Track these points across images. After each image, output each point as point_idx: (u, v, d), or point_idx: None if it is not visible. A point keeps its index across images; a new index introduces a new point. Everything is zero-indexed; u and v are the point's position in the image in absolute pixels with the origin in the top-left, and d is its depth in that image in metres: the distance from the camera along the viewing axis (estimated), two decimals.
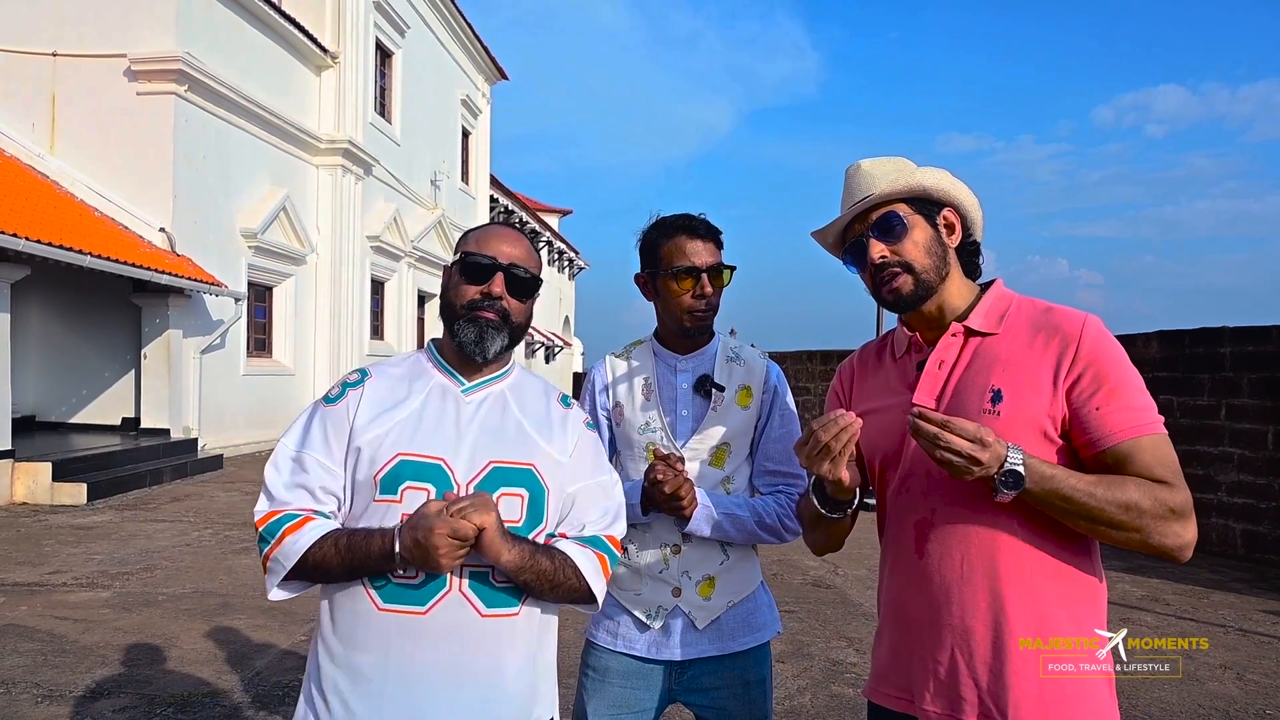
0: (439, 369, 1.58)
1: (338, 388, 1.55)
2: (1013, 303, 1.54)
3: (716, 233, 1.95)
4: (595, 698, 1.95)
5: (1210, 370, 8.17)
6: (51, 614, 5.14)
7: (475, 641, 1.45)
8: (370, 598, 1.45)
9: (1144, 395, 1.40)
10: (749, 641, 1.94)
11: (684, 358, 1.99)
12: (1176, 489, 1.36)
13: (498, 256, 1.54)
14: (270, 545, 1.44)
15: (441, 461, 1.46)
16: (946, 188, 1.55)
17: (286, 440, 1.52)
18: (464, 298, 1.54)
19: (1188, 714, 4.06)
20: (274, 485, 1.49)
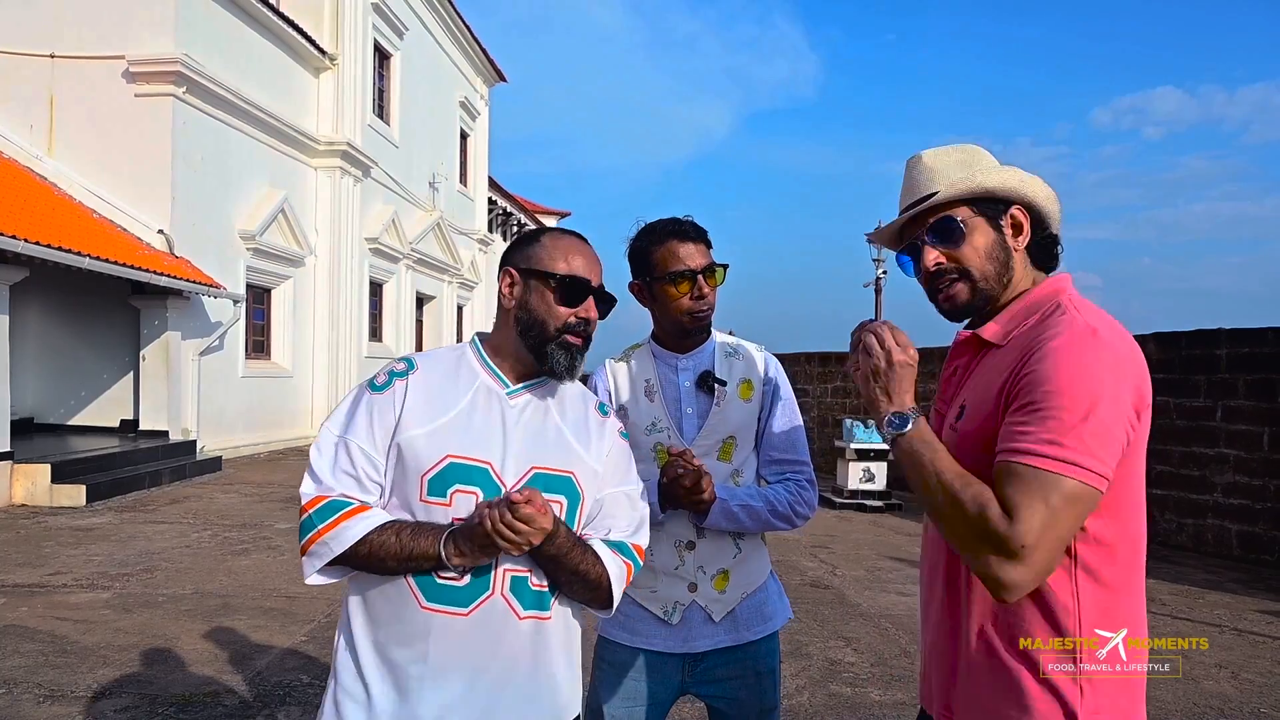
0: (484, 368, 1.57)
1: (384, 375, 1.53)
2: (1040, 309, 1.38)
3: (705, 233, 1.99)
4: (610, 690, 1.99)
5: (1207, 372, 8.21)
6: (52, 615, 5.15)
7: (513, 643, 1.48)
8: (414, 594, 1.45)
9: (1060, 425, 1.20)
10: (762, 630, 2.00)
11: (683, 356, 2.03)
12: (1013, 524, 1.19)
13: (590, 278, 1.56)
14: (319, 529, 1.43)
15: (488, 465, 1.47)
16: (1014, 186, 1.41)
17: (331, 425, 1.51)
18: (559, 319, 1.53)
19: (1183, 713, 4.09)
20: (320, 469, 1.47)
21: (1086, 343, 1.24)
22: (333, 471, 1.47)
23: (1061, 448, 1.19)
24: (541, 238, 1.59)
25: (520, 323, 1.54)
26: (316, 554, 1.44)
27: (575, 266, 1.55)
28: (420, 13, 21.03)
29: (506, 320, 1.57)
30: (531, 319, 1.53)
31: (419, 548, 1.41)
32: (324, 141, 16.26)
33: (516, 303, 1.55)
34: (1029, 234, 1.43)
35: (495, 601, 1.45)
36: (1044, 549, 1.20)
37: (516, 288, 1.56)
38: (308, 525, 1.44)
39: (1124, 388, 1.24)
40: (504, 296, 1.57)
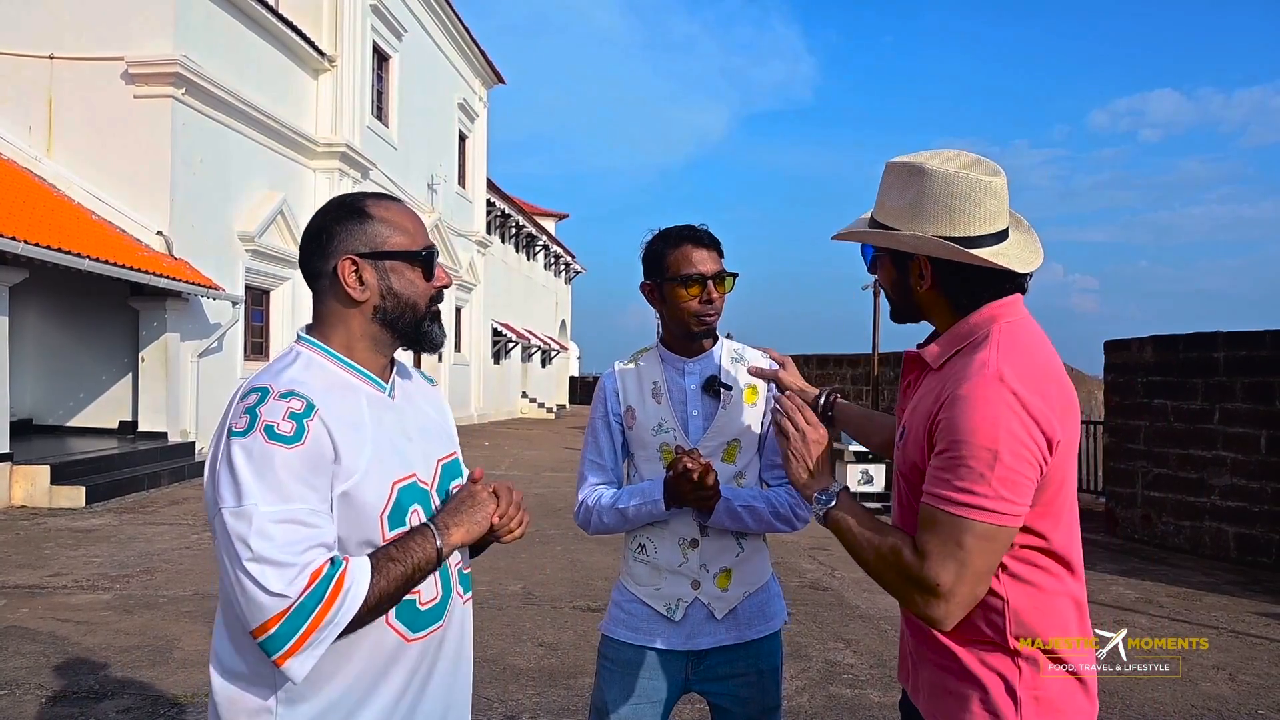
0: (354, 375, 1.40)
1: (285, 423, 1.24)
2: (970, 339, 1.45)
3: (718, 242, 2.03)
4: (614, 688, 2.01)
5: (1204, 375, 8.24)
6: (53, 616, 5.16)
7: (464, 628, 1.53)
8: (399, 633, 1.37)
9: (970, 473, 1.30)
10: (764, 630, 2.03)
11: (690, 361, 2.07)
12: (928, 566, 1.32)
13: (434, 242, 1.54)
14: (316, 612, 1.21)
15: (414, 477, 1.40)
16: (921, 246, 1.46)
17: (255, 502, 1.21)
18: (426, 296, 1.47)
19: (1181, 714, 4.11)
20: (283, 556, 1.20)
21: (991, 390, 1.32)
22: (298, 549, 1.22)
23: (972, 495, 1.30)
24: (369, 212, 1.41)
25: (384, 312, 1.40)
26: (318, 641, 1.22)
27: (422, 236, 1.45)
28: (419, 14, 21.06)
29: (359, 314, 1.40)
30: (400, 305, 1.41)
31: (422, 557, 1.33)
32: (323, 143, 16.28)
33: (376, 291, 1.39)
34: (932, 281, 1.50)
35: (454, 599, 1.47)
36: (963, 585, 1.33)
37: (367, 275, 1.38)
38: (298, 617, 1.19)
39: (1029, 430, 1.32)
40: (353, 289, 1.38)
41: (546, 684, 4.25)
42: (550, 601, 5.83)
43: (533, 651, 4.73)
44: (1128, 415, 9.05)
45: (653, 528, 2.00)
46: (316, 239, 1.40)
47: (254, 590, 1.19)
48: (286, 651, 1.20)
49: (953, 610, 1.33)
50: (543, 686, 4.22)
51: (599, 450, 2.13)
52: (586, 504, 2.10)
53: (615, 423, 2.11)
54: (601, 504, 2.06)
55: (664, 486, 1.93)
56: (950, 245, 1.43)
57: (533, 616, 5.43)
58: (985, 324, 1.44)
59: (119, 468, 10.34)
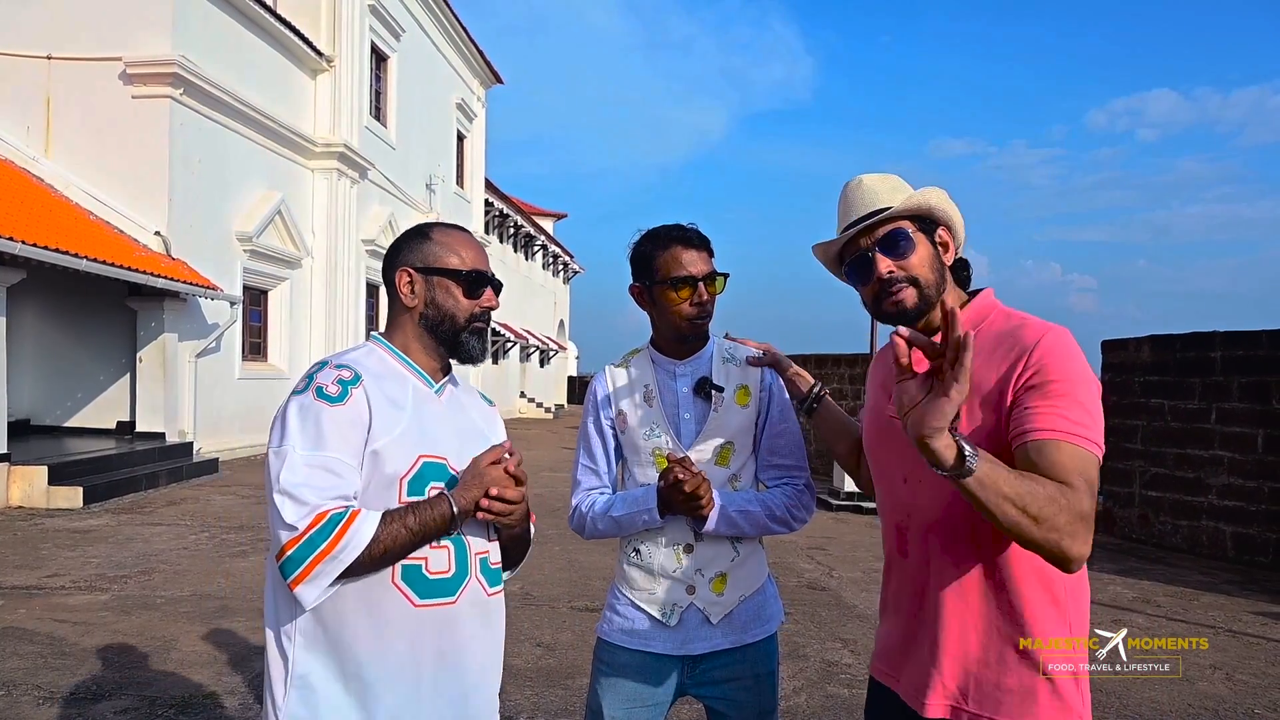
0: (407, 369, 1.63)
1: (334, 385, 1.49)
2: (989, 315, 1.55)
3: (708, 241, 2.01)
4: (609, 692, 2.00)
5: (1201, 374, 8.25)
6: (50, 617, 5.15)
7: (487, 619, 1.63)
8: (405, 596, 1.50)
9: (1084, 413, 1.34)
10: (760, 633, 2.01)
11: (681, 362, 2.04)
12: (1080, 494, 1.29)
13: (486, 269, 1.69)
14: (322, 547, 1.39)
15: (445, 461, 1.57)
16: (946, 208, 1.58)
17: (294, 445, 1.44)
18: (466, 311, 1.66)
19: (1178, 714, 4.12)
20: (303, 494, 1.41)
21: (1070, 340, 1.42)
22: (318, 491, 1.42)
23: (1087, 428, 1.34)
24: (432, 235, 1.66)
25: (427, 319, 1.63)
26: (324, 573, 1.40)
27: (473, 260, 1.66)
28: (417, 15, 21.05)
29: (410, 319, 1.65)
30: (441, 314, 1.63)
31: (431, 519, 1.48)
32: (321, 143, 16.27)
33: (422, 301, 1.63)
34: (954, 251, 1.60)
35: (473, 584, 1.58)
36: (1093, 517, 1.33)
37: (418, 286, 1.63)
38: (307, 548, 1.39)
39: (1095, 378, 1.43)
40: (405, 296, 1.63)
41: (544, 684, 4.25)
42: (548, 601, 5.83)
43: (531, 652, 4.73)
44: (1125, 415, 9.06)
45: (647, 532, 1.98)
46: (391, 254, 1.68)
47: (275, 518, 1.41)
48: (297, 577, 1.39)
49: (1089, 545, 1.33)
50: (541, 687, 4.22)
51: (592, 455, 2.11)
52: (580, 510, 2.09)
53: (608, 426, 2.09)
54: (595, 511, 2.05)
55: (657, 495, 1.91)
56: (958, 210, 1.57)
57: (530, 616, 5.43)
58: (994, 304, 1.57)
59: (117, 468, 10.33)
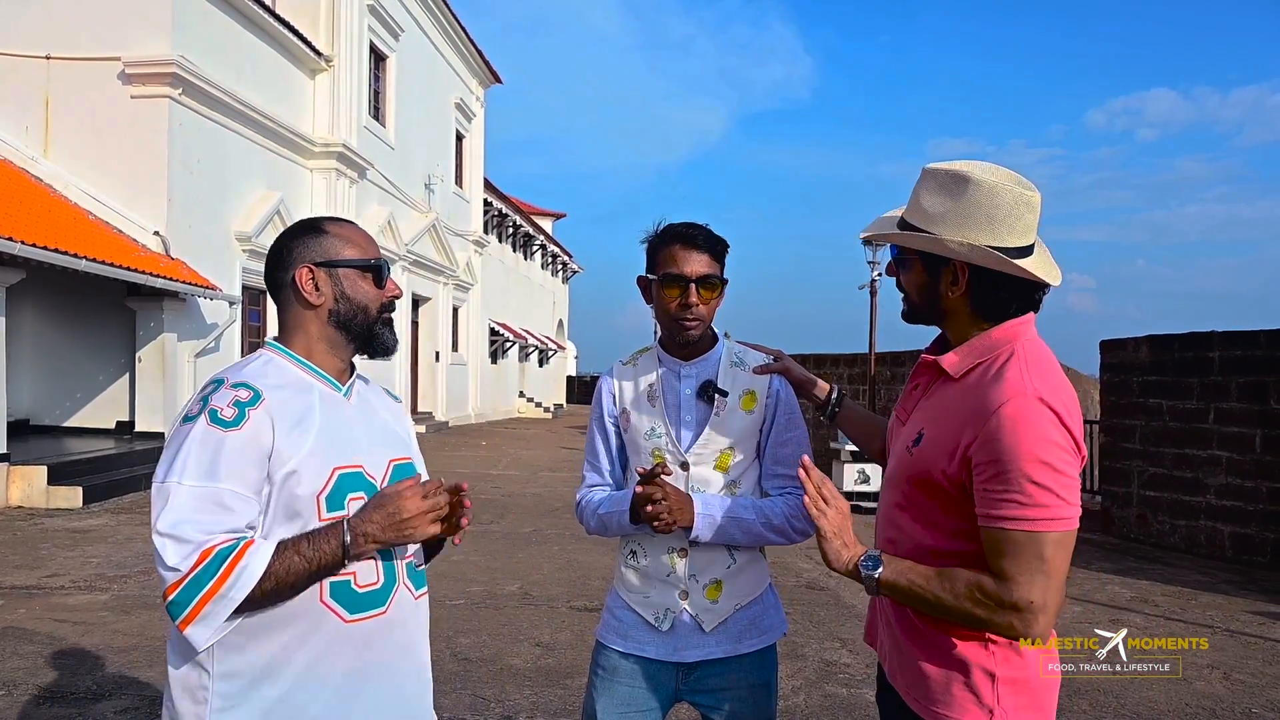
0: (310, 374, 1.54)
1: (229, 408, 1.39)
2: (994, 354, 1.49)
3: (717, 245, 1.95)
4: (604, 696, 1.99)
5: (1199, 374, 8.26)
6: (50, 617, 5.16)
7: (417, 623, 1.60)
8: (335, 614, 1.44)
9: (1034, 487, 1.35)
10: (756, 644, 1.97)
11: (688, 364, 2.02)
12: (1013, 588, 1.36)
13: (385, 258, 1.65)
14: (209, 586, 1.31)
15: (361, 468, 1.51)
16: (964, 254, 1.48)
17: (181, 478, 1.35)
18: (377, 302, 1.62)
19: (1175, 713, 4.13)
20: (186, 530, 1.32)
21: (1034, 410, 1.38)
22: (203, 528, 1.33)
23: (1042, 508, 1.35)
24: (326, 228, 1.59)
25: (339, 315, 1.56)
26: (213, 613, 1.32)
27: (372, 249, 1.62)
28: (416, 14, 21.06)
29: (316, 318, 1.55)
30: (353, 307, 1.57)
31: (325, 554, 1.39)
32: (320, 143, 16.27)
33: (330, 296, 1.55)
34: (965, 289, 1.52)
35: (401, 590, 1.55)
36: (1053, 595, 1.37)
37: (323, 282, 1.55)
38: (192, 588, 1.30)
39: (1068, 441, 1.39)
40: (310, 294, 1.54)
41: (544, 684, 4.26)
42: (547, 601, 5.84)
43: (530, 651, 4.74)
44: (1123, 415, 9.07)
45: (644, 534, 1.96)
46: (278, 255, 1.57)
47: (157, 561, 1.34)
48: (185, 619, 1.32)
49: (1049, 623, 1.38)
50: (540, 686, 4.23)
51: (595, 452, 2.13)
52: (580, 504, 2.12)
53: (612, 425, 2.10)
54: (589, 507, 2.07)
55: (631, 500, 1.90)
56: (998, 254, 1.46)
57: (530, 616, 5.44)
58: (1008, 341, 1.49)
59: (116, 468, 10.34)
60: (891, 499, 1.61)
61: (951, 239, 1.48)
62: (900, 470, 1.57)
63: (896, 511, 1.58)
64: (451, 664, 4.49)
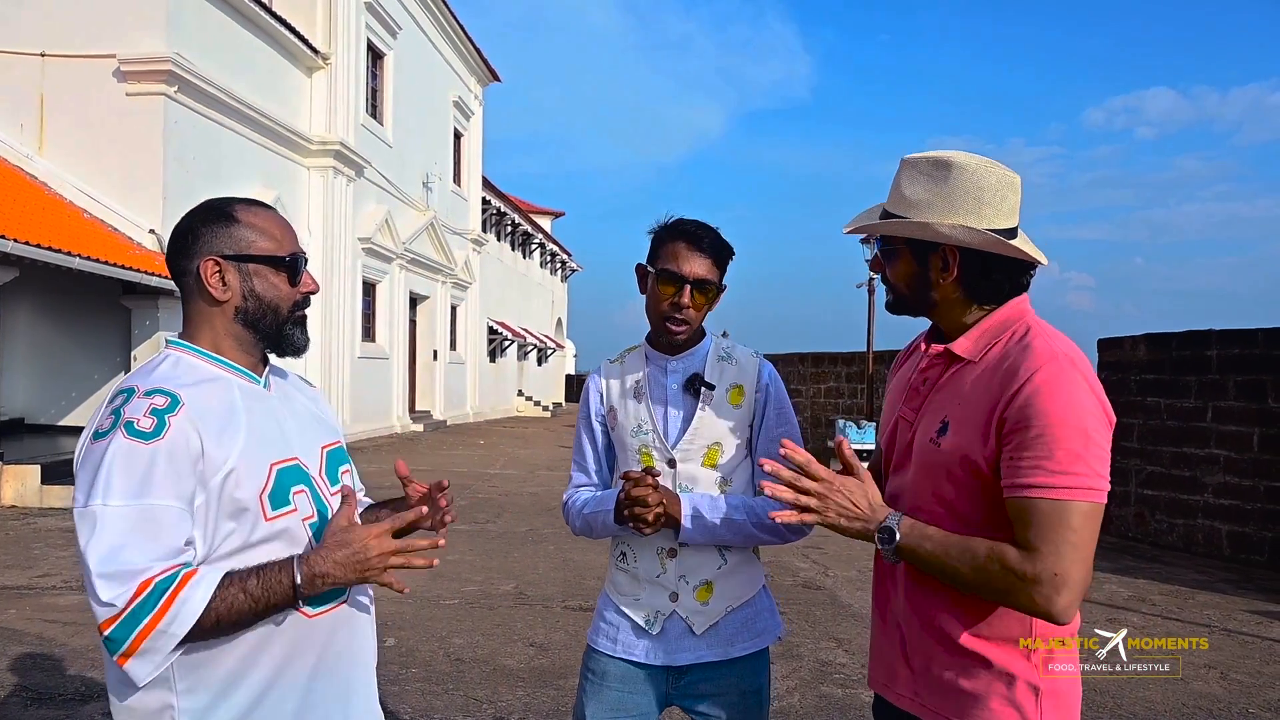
0: (225, 369, 1.43)
1: (147, 419, 1.27)
2: (1008, 330, 1.48)
3: (722, 251, 1.92)
4: (594, 700, 1.95)
5: (1197, 373, 8.24)
6: (41, 617, 5.13)
7: (368, 606, 1.56)
8: (300, 611, 1.38)
9: (1069, 455, 1.31)
10: (749, 647, 1.93)
11: (674, 358, 1.99)
12: (1037, 560, 1.31)
13: (302, 249, 1.55)
14: (146, 621, 1.21)
15: (297, 460, 1.44)
16: (959, 237, 1.46)
17: (105, 499, 1.23)
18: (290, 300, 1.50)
19: (1172, 713, 4.10)
20: (121, 558, 1.21)
21: (1067, 374, 1.36)
22: (140, 552, 1.22)
23: (1073, 476, 1.31)
24: (238, 216, 1.44)
25: (246, 313, 1.44)
26: (152, 649, 1.22)
27: (290, 242, 1.49)
28: (414, 12, 21.01)
29: (221, 315, 1.43)
30: (262, 306, 1.44)
31: (275, 594, 1.30)
32: (317, 141, 16.24)
33: (237, 293, 1.43)
34: (956, 273, 1.50)
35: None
36: (1079, 569, 1.31)
37: (230, 276, 1.42)
38: (129, 624, 1.20)
39: (1102, 410, 1.37)
40: (215, 289, 1.41)
41: (537, 684, 4.23)
42: (542, 601, 5.81)
43: (524, 651, 4.71)
44: (1121, 413, 9.02)
45: (633, 535, 1.91)
46: (183, 238, 1.43)
47: (89, 593, 1.23)
48: (123, 654, 1.22)
49: (1074, 599, 1.32)
50: (533, 687, 4.20)
51: (583, 452, 2.10)
52: (566, 504, 2.09)
53: (599, 423, 2.07)
54: (575, 507, 2.04)
55: (615, 500, 1.87)
56: (994, 236, 1.45)
57: (524, 616, 5.41)
58: (1018, 319, 1.48)
59: None
60: (914, 502, 1.52)
61: (942, 224, 1.46)
62: (925, 465, 1.50)
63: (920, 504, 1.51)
64: (444, 664, 4.47)
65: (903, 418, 1.60)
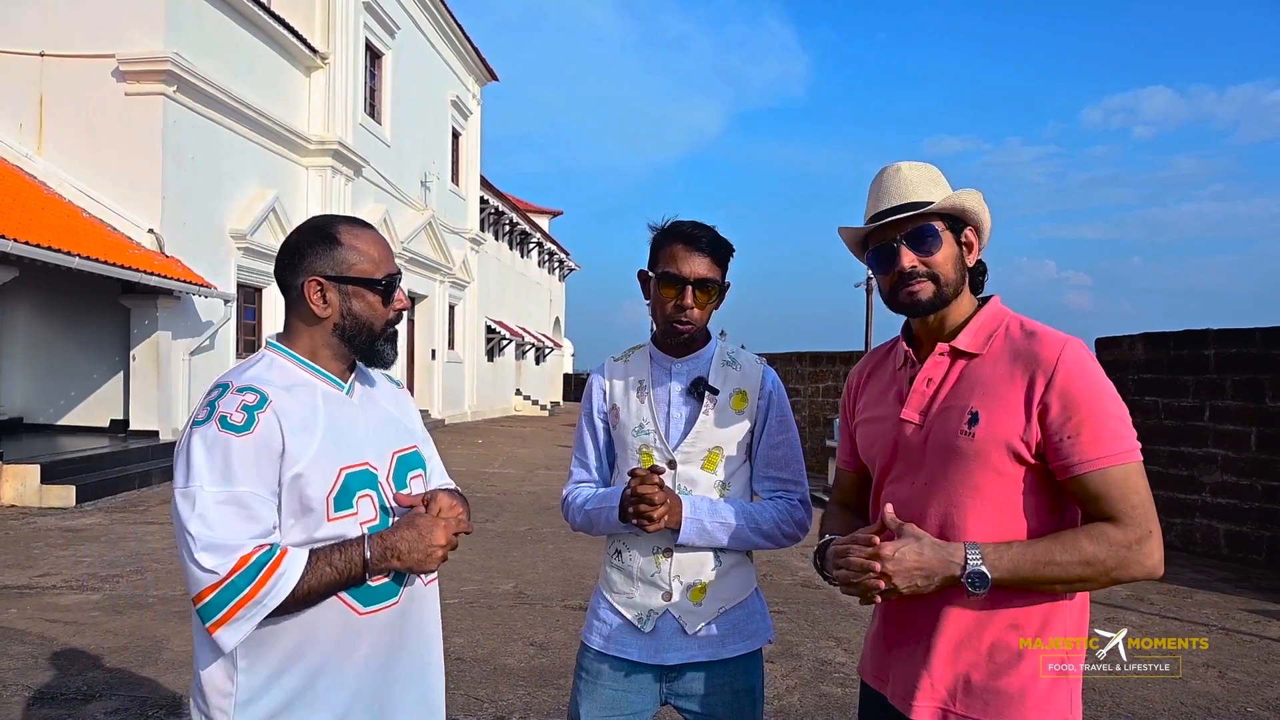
0: (313, 374, 1.55)
1: (239, 413, 1.40)
2: (1001, 323, 1.56)
3: (721, 249, 1.93)
4: (588, 699, 1.97)
5: (1195, 372, 8.26)
6: (42, 617, 5.13)
7: (428, 610, 1.64)
8: (350, 607, 1.48)
9: (1117, 422, 1.43)
10: (740, 649, 1.94)
11: (679, 361, 2.00)
12: (1131, 524, 1.39)
13: (397, 269, 1.64)
14: (245, 592, 1.34)
15: (367, 465, 1.53)
16: (979, 211, 1.58)
17: (201, 483, 1.36)
18: (384, 318, 1.61)
19: (1171, 712, 4.12)
20: (217, 538, 1.34)
21: (1082, 351, 1.47)
22: (234, 531, 1.36)
23: (1124, 439, 1.42)
24: (339, 237, 1.55)
25: (342, 330, 1.56)
26: (246, 617, 1.35)
27: (386, 264, 1.59)
28: (412, 11, 21.00)
29: (321, 329, 1.55)
30: (358, 325, 1.56)
31: (353, 566, 1.44)
32: (315, 140, 16.23)
33: (336, 311, 1.54)
34: (977, 251, 1.61)
35: (410, 578, 1.58)
36: (1156, 519, 1.42)
37: (331, 295, 1.54)
38: (229, 593, 1.33)
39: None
40: (317, 307, 1.53)
41: (537, 684, 4.24)
42: (542, 600, 5.83)
43: (524, 651, 4.73)
44: None
45: (629, 534, 1.94)
46: (290, 256, 1.56)
47: (190, 564, 1.34)
48: (217, 621, 1.34)
49: (1161, 549, 1.42)
50: (533, 686, 4.21)
51: (583, 448, 2.12)
52: (566, 500, 2.10)
53: (600, 421, 2.08)
54: (576, 503, 2.05)
55: (620, 497, 1.89)
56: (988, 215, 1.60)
57: (524, 615, 5.43)
58: (1004, 310, 1.59)
59: (110, 467, 10.30)
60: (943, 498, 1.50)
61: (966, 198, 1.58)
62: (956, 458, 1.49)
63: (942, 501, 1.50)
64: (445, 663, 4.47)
65: (905, 420, 1.59)
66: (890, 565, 1.40)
